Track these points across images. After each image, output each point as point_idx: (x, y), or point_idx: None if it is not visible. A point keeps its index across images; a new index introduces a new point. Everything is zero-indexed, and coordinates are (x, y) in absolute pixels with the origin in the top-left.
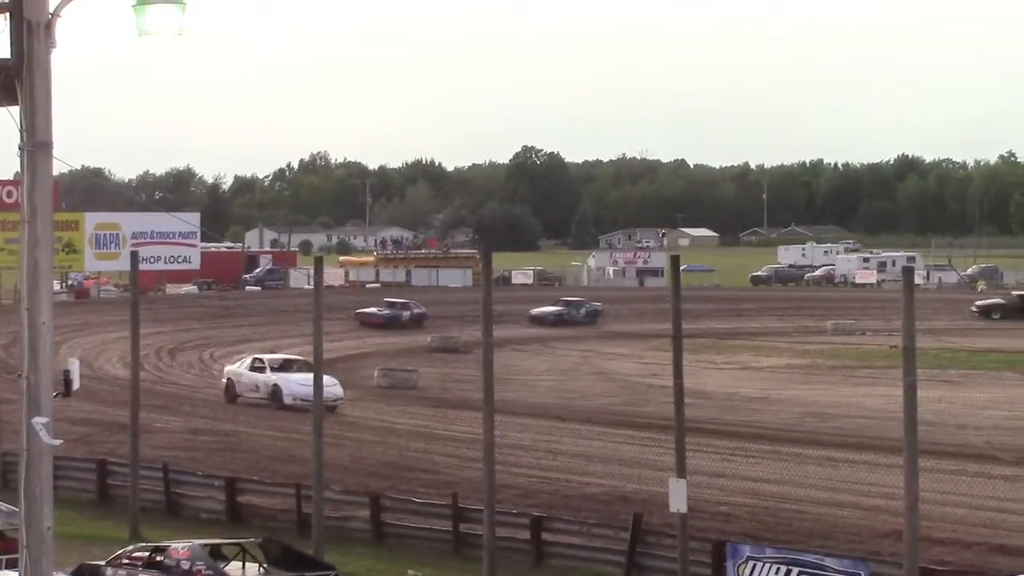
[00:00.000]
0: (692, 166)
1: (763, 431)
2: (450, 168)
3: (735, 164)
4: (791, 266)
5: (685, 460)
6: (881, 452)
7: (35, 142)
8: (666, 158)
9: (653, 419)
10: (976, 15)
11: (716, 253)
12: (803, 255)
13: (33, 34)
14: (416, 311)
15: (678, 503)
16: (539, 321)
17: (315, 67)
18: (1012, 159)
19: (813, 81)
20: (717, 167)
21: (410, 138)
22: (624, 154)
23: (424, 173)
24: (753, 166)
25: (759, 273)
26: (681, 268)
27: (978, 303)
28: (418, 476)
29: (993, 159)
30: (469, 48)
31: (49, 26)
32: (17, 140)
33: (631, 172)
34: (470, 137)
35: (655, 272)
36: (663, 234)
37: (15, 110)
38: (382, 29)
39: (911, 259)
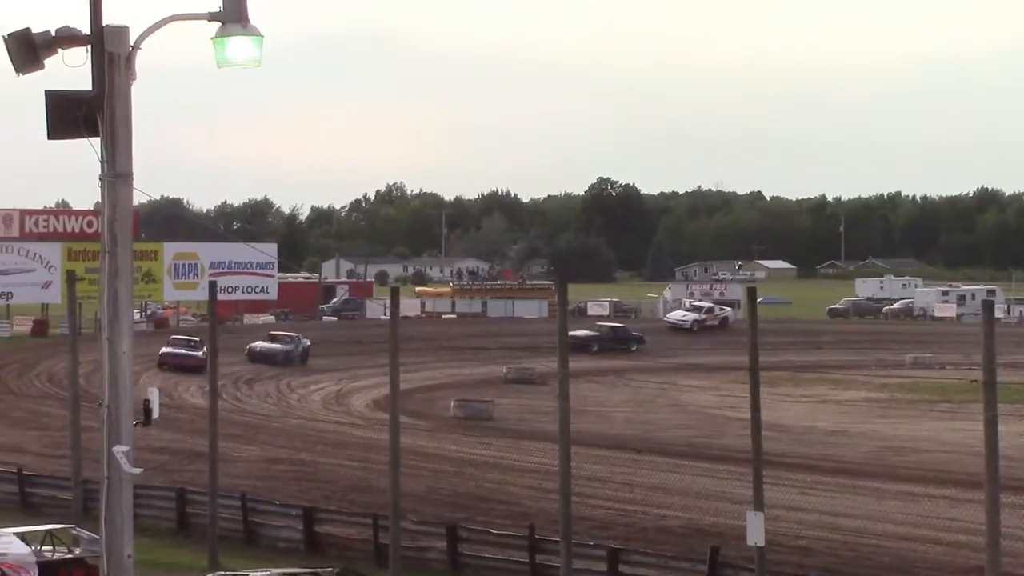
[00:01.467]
0: (768, 198)
1: (841, 465)
2: (526, 199)
3: (812, 196)
4: (869, 299)
5: (763, 493)
6: (961, 487)
7: (115, 173)
8: (742, 190)
9: (730, 452)
10: None
11: (793, 286)
12: (881, 288)
13: (114, 66)
14: (303, 345)
15: (756, 536)
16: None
17: (390, 98)
18: None
19: (891, 112)
20: (794, 199)
21: (486, 169)
22: (700, 186)
23: (500, 204)
24: (830, 198)
25: (836, 306)
26: (758, 300)
27: None
28: (494, 507)
29: None
30: (545, 79)
31: (129, 58)
32: (98, 171)
33: (707, 204)
34: (546, 168)
35: (731, 304)
36: (739, 266)
37: (96, 141)
38: (456, 59)
39: (991, 292)
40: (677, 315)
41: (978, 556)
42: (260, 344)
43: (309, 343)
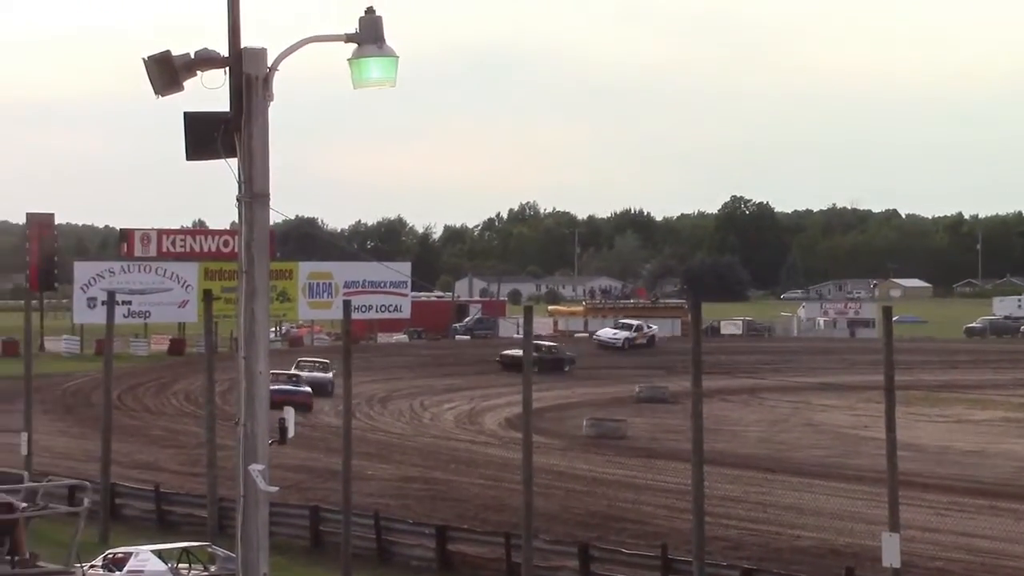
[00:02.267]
0: (904, 216)
1: (978, 485)
2: (658, 218)
3: (948, 214)
4: (1007, 317)
5: (898, 514)
6: None
7: (252, 193)
8: (877, 208)
9: (865, 472)
10: None
11: (928, 304)
12: (1019, 306)
13: (252, 88)
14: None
15: (891, 558)
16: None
17: (522, 116)
18: None
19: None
20: (929, 217)
21: (619, 187)
22: (834, 204)
23: (632, 223)
24: (967, 216)
25: (973, 325)
26: (893, 319)
27: None
28: (626, 526)
29: None
30: (677, 94)
31: (267, 80)
32: (235, 191)
33: (841, 222)
34: (678, 187)
35: (866, 323)
36: (874, 285)
37: (233, 162)
38: (586, 79)
39: None
40: (607, 333)
41: None
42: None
43: (330, 376)
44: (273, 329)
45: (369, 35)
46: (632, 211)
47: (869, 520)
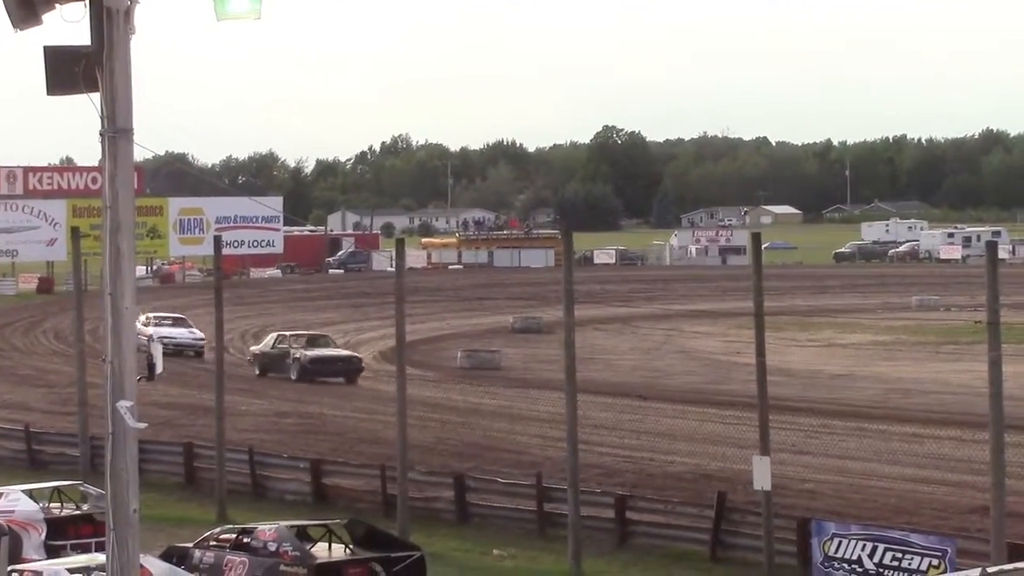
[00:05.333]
0: (774, 143)
1: (848, 408)
2: (531, 149)
3: (817, 141)
4: (875, 243)
5: (769, 438)
6: (967, 428)
7: (116, 128)
8: (748, 136)
9: (737, 397)
10: None
11: (799, 231)
12: (887, 231)
13: (113, 21)
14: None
15: (762, 481)
16: None
17: (396, 49)
18: None
19: (895, 54)
20: (799, 144)
21: (491, 119)
22: (705, 132)
23: (505, 154)
24: (836, 142)
25: (843, 250)
26: (764, 246)
27: None
28: (502, 456)
29: None
30: (548, 27)
31: (128, 13)
32: (99, 127)
33: (712, 150)
34: (551, 117)
35: (738, 250)
36: (745, 212)
37: (96, 97)
38: (459, 11)
39: (996, 234)
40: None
41: (983, 496)
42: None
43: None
44: (144, 266)
45: None
46: (504, 142)
47: (741, 444)
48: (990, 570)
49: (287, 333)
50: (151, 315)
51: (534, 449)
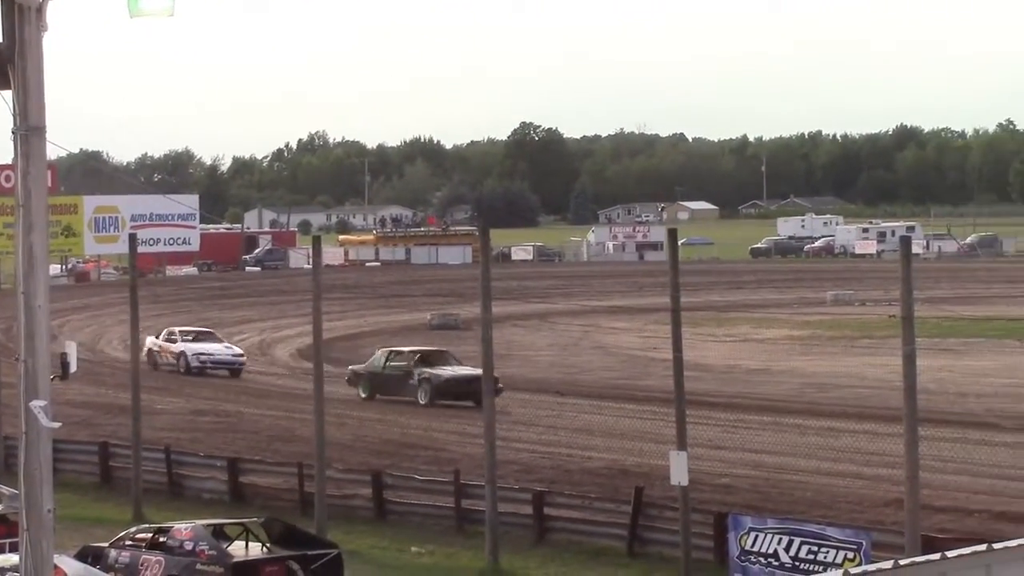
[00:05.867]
0: (691, 139)
1: (764, 403)
2: (448, 146)
3: (733, 137)
4: (790, 238)
5: (686, 432)
6: (882, 421)
7: (28, 126)
8: (664, 132)
9: (654, 392)
10: None
11: (715, 226)
12: (802, 227)
13: (24, 18)
14: None
15: (679, 476)
16: None
17: (312, 46)
18: (1011, 127)
19: (811, 51)
20: (716, 140)
21: (408, 116)
22: (622, 129)
23: (422, 151)
24: (752, 138)
25: (759, 245)
26: (680, 241)
27: None
28: (420, 453)
29: (992, 127)
30: (466, 24)
31: (40, 9)
32: (11, 124)
33: (629, 147)
34: (468, 114)
35: (655, 246)
36: (662, 208)
37: (8, 94)
38: (377, 6)
39: (910, 229)
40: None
41: (898, 489)
42: None
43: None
44: (59, 264)
45: None
46: (422, 139)
47: (658, 440)
48: (902, 562)
49: (402, 349)
50: (175, 329)
51: (452, 446)
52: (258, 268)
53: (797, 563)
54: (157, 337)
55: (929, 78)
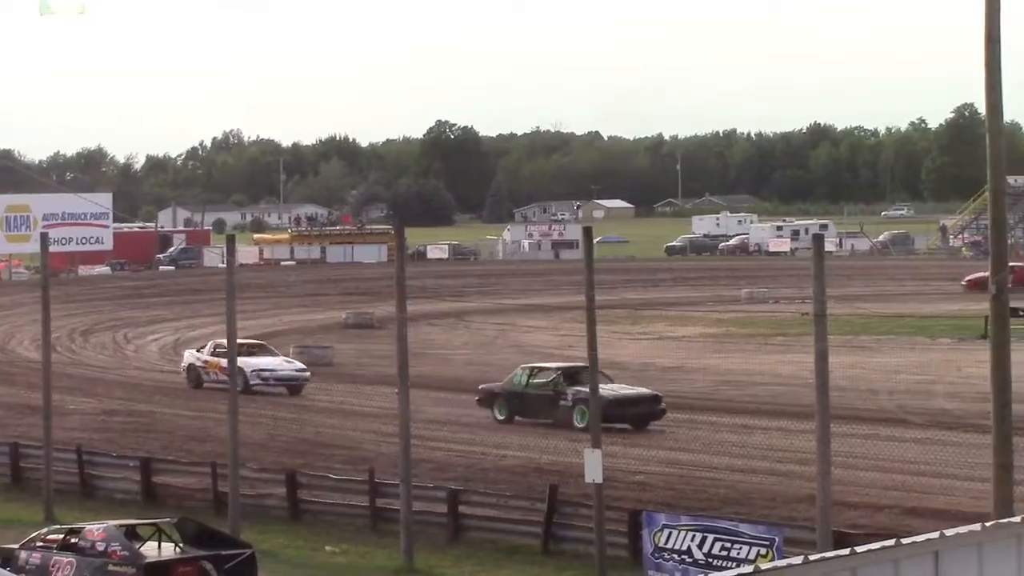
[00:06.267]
0: (606, 138)
1: (679, 400)
2: (364, 144)
3: (649, 135)
4: (705, 236)
5: (600, 431)
6: (795, 418)
7: None
8: (580, 130)
9: None
10: None
11: (631, 224)
12: (717, 225)
13: None
14: None
15: (593, 474)
16: None
17: (225, 43)
18: (923, 126)
19: (726, 50)
20: (631, 139)
21: (323, 114)
22: (538, 127)
23: (338, 149)
24: (667, 137)
25: (674, 243)
26: (596, 240)
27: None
28: (335, 453)
29: (904, 126)
30: (381, 21)
31: None
32: None
33: (545, 145)
34: (385, 112)
35: (570, 244)
36: (578, 207)
37: None
38: (293, 5)
39: (823, 227)
40: None
41: (810, 485)
42: None
43: None
44: None
45: None
46: (337, 137)
47: (573, 438)
48: (812, 558)
49: (546, 365)
50: (223, 341)
51: (367, 445)
52: (172, 267)
53: (710, 560)
54: (200, 351)
55: (842, 78)
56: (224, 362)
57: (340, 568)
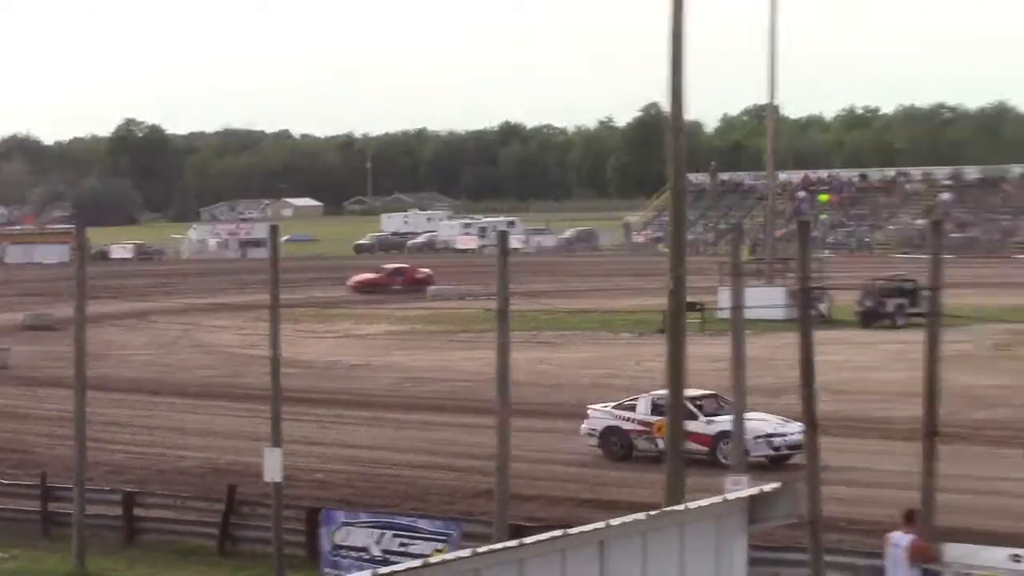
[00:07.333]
0: (297, 136)
1: (363, 398)
2: (49, 142)
3: (340, 133)
4: (394, 234)
5: (281, 429)
6: (477, 414)
7: None
8: (270, 129)
9: (252, 390)
10: None
11: (320, 223)
12: (406, 223)
13: None
14: None
15: (273, 472)
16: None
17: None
18: (610, 124)
19: (419, 50)
20: (322, 137)
21: (6, 111)
22: (228, 125)
23: (20, 147)
24: (358, 135)
25: (363, 241)
26: (283, 238)
27: None
28: (8, 457)
29: (592, 124)
30: (68, 16)
31: None
32: None
33: (236, 143)
34: (70, 110)
35: (258, 243)
36: (266, 205)
37: None
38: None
39: (510, 224)
40: None
41: (488, 480)
42: None
43: None
44: None
45: None
46: (19, 135)
47: (254, 437)
48: (480, 550)
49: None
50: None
51: (41, 449)
52: None
53: (388, 555)
54: (620, 407)
55: (535, 77)
56: (698, 425)
57: (10, 574)
